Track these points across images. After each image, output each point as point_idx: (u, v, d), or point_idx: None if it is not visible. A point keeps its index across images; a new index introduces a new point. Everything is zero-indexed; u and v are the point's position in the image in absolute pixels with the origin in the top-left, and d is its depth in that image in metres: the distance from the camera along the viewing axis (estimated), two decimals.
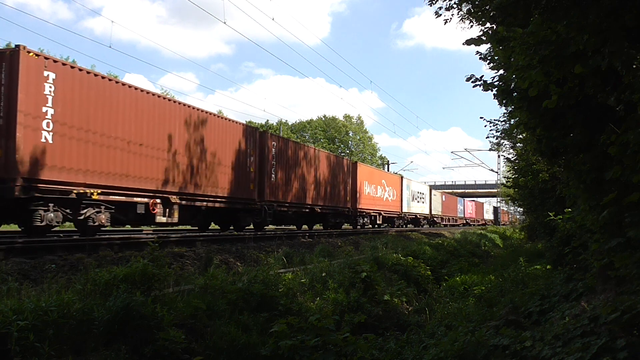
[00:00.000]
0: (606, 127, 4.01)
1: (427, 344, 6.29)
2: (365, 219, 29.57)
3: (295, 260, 11.83)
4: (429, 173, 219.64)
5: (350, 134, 73.11)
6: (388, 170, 52.12)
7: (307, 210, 22.30)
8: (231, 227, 18.17)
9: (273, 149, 19.17)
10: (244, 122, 18.07)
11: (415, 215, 40.15)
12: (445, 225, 49.77)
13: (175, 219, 14.03)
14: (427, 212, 43.84)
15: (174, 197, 13.99)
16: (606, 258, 4.69)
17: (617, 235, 4.27)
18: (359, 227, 28.59)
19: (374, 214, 30.73)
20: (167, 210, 13.71)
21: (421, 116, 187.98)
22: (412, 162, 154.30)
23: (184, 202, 14.44)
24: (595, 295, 6.12)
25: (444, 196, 50.77)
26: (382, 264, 12.92)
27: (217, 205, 16.09)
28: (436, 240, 23.83)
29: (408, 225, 38.86)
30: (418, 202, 40.93)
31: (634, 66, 3.62)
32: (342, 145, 71.46)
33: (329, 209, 24.57)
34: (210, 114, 16.23)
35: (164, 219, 13.59)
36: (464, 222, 59.51)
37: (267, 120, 66.63)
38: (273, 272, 8.75)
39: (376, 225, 32.26)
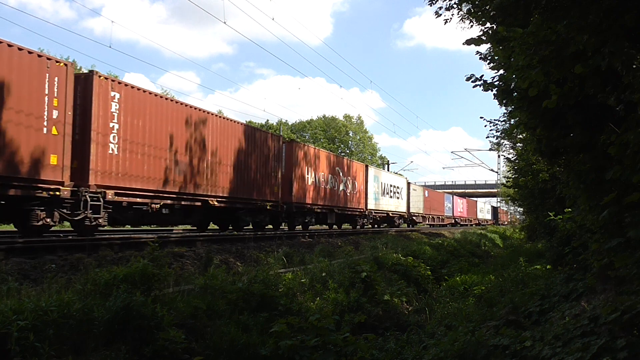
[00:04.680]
0: (606, 127, 4.01)
1: (427, 344, 6.29)
2: (308, 218, 22.56)
3: (295, 260, 11.83)
4: (429, 173, 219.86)
5: (350, 134, 73.11)
6: (388, 170, 48.06)
7: (197, 204, 14.97)
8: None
9: (114, 104, 12.06)
10: (37, 51, 10.68)
11: (387, 213, 33.56)
12: (432, 225, 44.92)
13: None
14: (404, 209, 37.50)
15: None
16: (606, 258, 4.69)
17: (617, 235, 4.27)
18: (298, 227, 22.33)
19: (322, 210, 23.53)
20: None
21: (421, 116, 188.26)
22: (412, 162, 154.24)
23: None
24: (595, 295, 6.12)
25: (426, 192, 44.84)
26: (382, 264, 12.93)
27: None
28: (436, 240, 23.86)
29: (382, 225, 33.40)
30: (391, 197, 34.35)
31: (634, 66, 3.62)
32: (342, 145, 71.48)
33: (241, 203, 17.17)
34: None
35: None
36: (453, 221, 53.60)
37: (267, 120, 66.69)
38: (273, 272, 8.76)
39: (335, 227, 26.66)
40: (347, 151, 70.00)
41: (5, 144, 9.75)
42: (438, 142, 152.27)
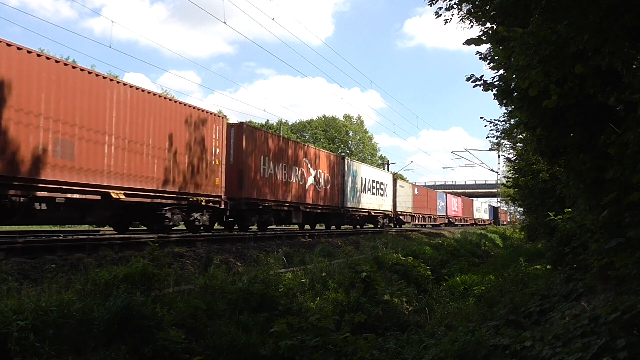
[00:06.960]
0: (606, 127, 4.01)
1: (427, 344, 6.29)
2: (265, 216, 18.67)
3: (295, 260, 11.83)
4: (429, 173, 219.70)
5: (350, 134, 73.14)
6: (388, 171, 45.59)
7: (94, 197, 11.31)
8: None
9: None
10: None
11: (369, 212, 29.89)
12: (424, 225, 42.41)
13: None
14: (390, 207, 34.13)
15: None
16: (606, 258, 4.69)
17: (617, 235, 4.27)
18: (254, 228, 19.02)
19: (283, 208, 19.78)
20: None
21: (421, 116, 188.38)
22: (412, 162, 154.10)
23: None
24: (595, 295, 6.12)
25: (416, 189, 41.38)
26: (382, 263, 12.93)
27: None
28: (436, 240, 23.90)
29: (363, 226, 29.93)
30: (374, 194, 30.90)
31: (634, 66, 3.62)
32: (342, 145, 71.51)
33: (162, 197, 13.47)
34: None
35: None
36: (446, 221, 50.39)
37: (267, 120, 66.71)
38: (273, 272, 8.75)
39: (307, 226, 23.56)
40: (347, 151, 70.00)
41: None
42: (438, 142, 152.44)
